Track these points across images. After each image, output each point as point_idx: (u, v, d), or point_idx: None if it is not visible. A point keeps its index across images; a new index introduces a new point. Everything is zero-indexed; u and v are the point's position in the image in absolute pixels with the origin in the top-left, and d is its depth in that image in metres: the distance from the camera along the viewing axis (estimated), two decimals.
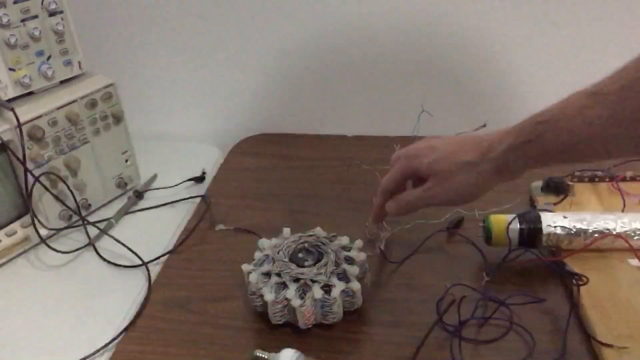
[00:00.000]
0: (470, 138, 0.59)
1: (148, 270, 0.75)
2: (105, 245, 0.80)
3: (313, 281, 0.63)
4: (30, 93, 0.79)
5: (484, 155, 0.57)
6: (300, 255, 0.67)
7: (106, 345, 0.64)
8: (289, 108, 1.07)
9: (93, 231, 0.82)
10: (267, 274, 0.66)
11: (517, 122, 0.57)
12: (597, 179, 0.82)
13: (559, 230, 0.69)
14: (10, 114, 0.73)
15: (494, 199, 0.79)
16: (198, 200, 0.89)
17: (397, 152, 0.66)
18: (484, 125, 0.72)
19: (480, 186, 0.59)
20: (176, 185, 0.91)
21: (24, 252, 0.80)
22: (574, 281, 0.64)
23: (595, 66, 0.54)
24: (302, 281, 0.64)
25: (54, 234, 0.82)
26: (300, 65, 1.02)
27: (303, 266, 0.65)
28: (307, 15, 0.97)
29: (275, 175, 0.95)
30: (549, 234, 0.69)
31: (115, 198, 0.90)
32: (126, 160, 0.90)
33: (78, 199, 0.82)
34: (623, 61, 0.50)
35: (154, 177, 0.94)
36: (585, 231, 0.68)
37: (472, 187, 0.59)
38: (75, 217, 0.83)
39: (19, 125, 0.73)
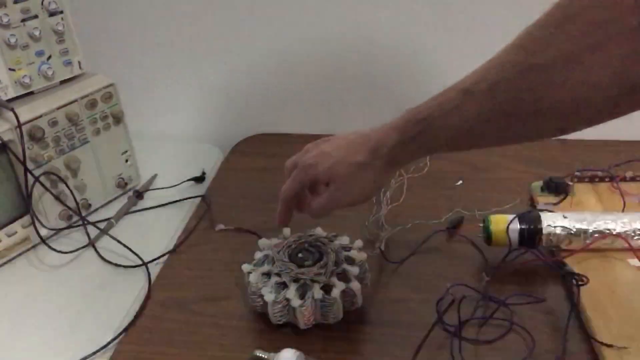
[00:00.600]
0: (357, 137, 0.62)
1: (148, 270, 0.75)
2: (105, 245, 0.80)
3: (313, 281, 0.63)
4: (30, 93, 0.79)
5: (374, 153, 0.60)
6: (300, 255, 0.67)
7: (106, 345, 0.64)
8: (288, 108, 1.07)
9: (93, 231, 0.82)
10: (267, 274, 0.66)
11: None
12: (597, 179, 0.82)
13: (559, 230, 0.69)
14: (10, 114, 0.73)
15: (494, 199, 0.80)
16: (198, 200, 0.89)
17: (291, 159, 0.68)
18: None
19: (378, 181, 0.62)
20: (176, 185, 0.91)
21: (24, 252, 0.80)
22: (574, 281, 0.64)
23: None
24: (302, 281, 0.64)
25: (54, 234, 0.82)
26: (300, 66, 1.02)
27: (303, 266, 0.65)
28: (307, 15, 0.97)
29: (275, 175, 0.94)
30: (549, 234, 0.69)
31: (115, 198, 0.90)
32: (126, 160, 0.90)
33: (78, 199, 0.82)
34: None
35: (154, 177, 0.94)
36: (585, 231, 0.68)
37: (370, 184, 0.62)
38: (75, 217, 0.83)
39: (19, 125, 0.73)
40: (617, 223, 0.68)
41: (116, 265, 0.77)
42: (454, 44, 0.96)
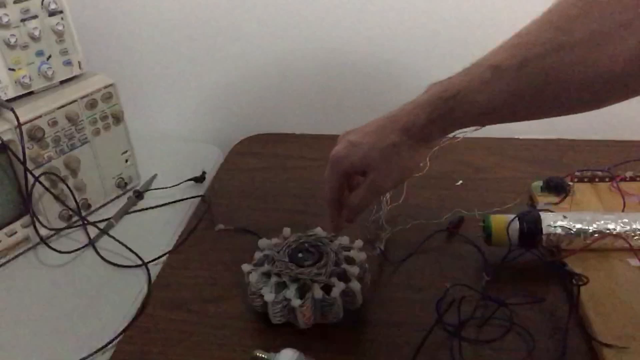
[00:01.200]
0: (382, 121, 0.61)
1: (148, 270, 0.75)
2: (105, 245, 0.80)
3: (313, 281, 0.63)
4: (30, 93, 0.79)
5: (405, 133, 0.59)
6: (300, 255, 0.67)
7: (106, 345, 0.64)
8: (288, 108, 1.07)
9: (93, 231, 0.82)
10: (267, 274, 0.66)
11: None
12: (597, 179, 0.82)
13: (559, 230, 0.69)
14: (10, 114, 0.73)
15: (494, 199, 0.80)
16: (198, 200, 0.89)
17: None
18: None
19: (415, 159, 0.61)
20: (176, 185, 0.91)
21: (24, 252, 0.80)
22: (574, 281, 0.64)
23: None
24: (302, 281, 0.64)
25: (54, 234, 0.82)
26: (300, 65, 1.02)
27: (303, 266, 0.65)
28: (306, 15, 0.97)
29: (275, 175, 0.95)
30: (549, 234, 0.69)
31: (115, 198, 0.90)
32: (126, 160, 0.90)
33: (78, 199, 0.82)
34: None
35: (154, 177, 0.94)
36: (585, 231, 0.68)
37: (407, 162, 0.61)
38: (75, 217, 0.83)
39: (19, 125, 0.73)
40: (617, 223, 0.68)
41: (116, 265, 0.77)
42: (455, 43, 0.96)
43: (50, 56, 0.79)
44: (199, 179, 0.93)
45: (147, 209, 0.88)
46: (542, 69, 0.49)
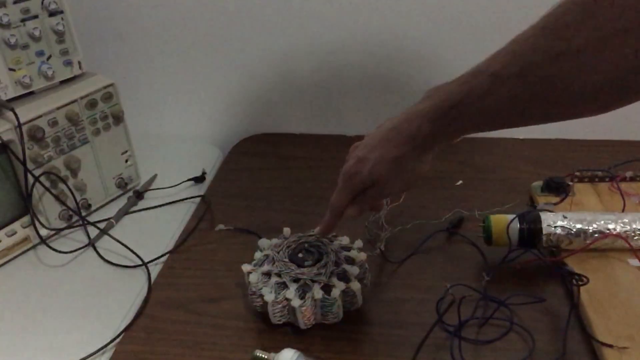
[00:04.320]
0: (387, 133, 0.62)
1: (148, 270, 0.75)
2: (105, 245, 0.80)
3: (313, 281, 0.63)
4: (30, 93, 0.79)
5: (408, 144, 0.60)
6: (300, 255, 0.67)
7: (106, 345, 0.64)
8: (288, 108, 1.07)
9: (93, 231, 0.82)
10: (267, 274, 0.66)
11: None
12: (597, 179, 0.82)
13: (559, 230, 0.69)
14: (10, 114, 0.73)
15: (494, 199, 0.80)
16: (198, 200, 0.89)
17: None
18: None
19: (420, 166, 0.63)
20: (176, 185, 0.91)
21: (24, 252, 0.80)
22: (574, 281, 0.64)
23: None
24: (302, 281, 0.64)
25: (54, 234, 0.82)
26: (300, 66, 1.02)
27: (303, 266, 0.65)
28: (306, 15, 0.97)
29: (275, 175, 0.95)
30: (549, 234, 0.69)
31: (115, 198, 0.90)
32: (126, 160, 0.90)
33: (78, 199, 0.82)
34: None
35: (154, 177, 0.94)
36: (585, 231, 0.68)
37: (412, 173, 0.62)
38: (75, 217, 0.83)
39: (19, 125, 0.73)
40: (617, 223, 0.68)
41: (116, 265, 0.77)
42: (455, 43, 0.96)
43: (50, 56, 0.79)
44: (199, 179, 0.93)
45: (147, 209, 0.88)
46: (542, 77, 0.49)
